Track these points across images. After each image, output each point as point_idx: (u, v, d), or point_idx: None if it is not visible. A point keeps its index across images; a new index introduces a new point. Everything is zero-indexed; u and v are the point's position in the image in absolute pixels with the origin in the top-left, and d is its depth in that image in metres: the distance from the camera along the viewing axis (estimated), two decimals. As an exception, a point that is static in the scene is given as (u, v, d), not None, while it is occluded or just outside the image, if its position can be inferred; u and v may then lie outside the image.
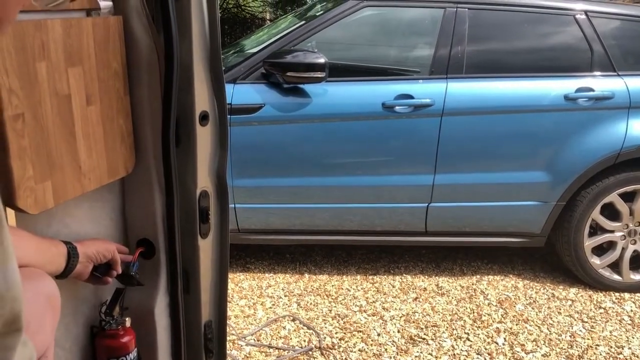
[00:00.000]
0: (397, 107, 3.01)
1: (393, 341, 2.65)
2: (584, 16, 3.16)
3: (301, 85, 3.00)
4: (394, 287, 3.18)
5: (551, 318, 2.89)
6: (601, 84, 3.07)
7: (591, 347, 2.65)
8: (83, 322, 1.49)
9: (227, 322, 1.85)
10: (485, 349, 2.61)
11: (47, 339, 1.09)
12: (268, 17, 11.36)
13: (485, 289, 3.18)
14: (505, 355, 2.56)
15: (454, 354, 2.56)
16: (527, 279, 3.32)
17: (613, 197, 3.09)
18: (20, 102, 1.13)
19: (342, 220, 3.19)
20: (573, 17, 3.16)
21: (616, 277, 3.19)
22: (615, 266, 3.20)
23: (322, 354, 2.54)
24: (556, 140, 3.06)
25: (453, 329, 2.76)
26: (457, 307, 2.98)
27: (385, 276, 3.31)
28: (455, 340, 2.67)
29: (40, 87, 1.18)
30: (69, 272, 1.26)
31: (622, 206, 3.11)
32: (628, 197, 3.11)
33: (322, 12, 3.25)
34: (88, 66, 1.30)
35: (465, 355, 2.55)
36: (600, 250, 3.21)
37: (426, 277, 3.32)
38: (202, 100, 1.53)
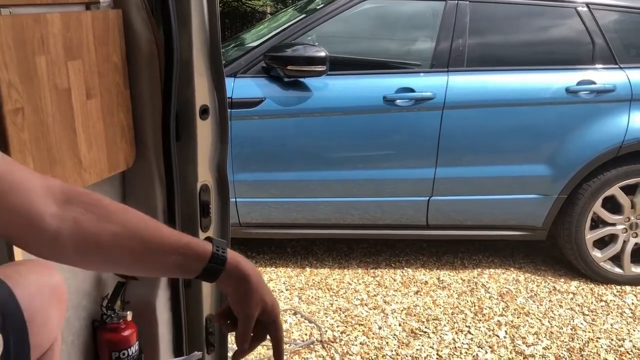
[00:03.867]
0: (398, 101, 3.01)
1: (394, 334, 2.65)
2: (585, 8, 3.14)
3: (302, 79, 3.00)
4: (395, 280, 3.18)
5: (552, 311, 2.89)
6: (603, 76, 3.06)
7: (592, 340, 2.65)
8: (85, 316, 1.49)
9: (229, 315, 1.85)
10: (487, 342, 2.61)
11: (53, 333, 1.09)
12: (268, 11, 11.34)
13: (487, 282, 3.18)
14: (507, 348, 2.57)
15: (455, 347, 2.57)
16: (529, 272, 3.33)
17: (614, 190, 3.08)
18: (20, 96, 1.13)
19: (344, 214, 3.19)
20: (574, 10, 3.14)
21: (617, 270, 3.19)
22: (616, 259, 3.20)
23: (323, 347, 2.54)
24: (558, 133, 3.05)
25: (454, 322, 2.76)
26: (458, 300, 2.98)
27: (386, 270, 3.31)
28: (456, 333, 2.68)
29: (40, 81, 1.17)
30: (207, 275, 0.92)
31: (623, 199, 3.10)
32: (629, 190, 3.11)
33: (322, 5, 3.24)
34: (88, 60, 1.30)
35: (467, 349, 2.56)
36: (601, 244, 3.21)
37: (427, 270, 3.32)
38: (202, 94, 1.53)
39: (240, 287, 0.93)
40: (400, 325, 2.73)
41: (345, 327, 2.71)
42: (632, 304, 2.99)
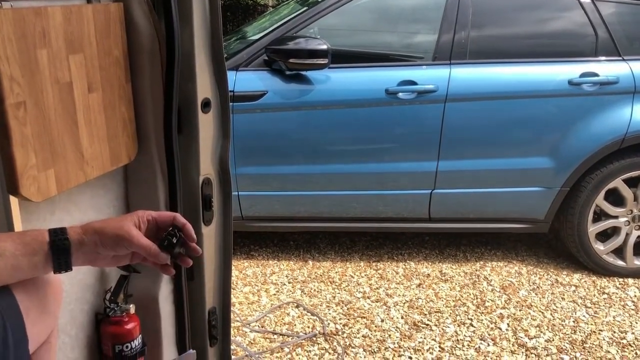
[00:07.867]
0: (400, 94, 3.00)
1: (397, 327, 2.66)
2: (588, 0, 3.13)
3: (304, 72, 2.99)
4: (397, 273, 3.19)
5: (554, 304, 2.89)
6: (606, 68, 3.05)
7: (594, 332, 2.65)
8: (88, 309, 1.50)
9: (232, 308, 1.85)
10: (489, 334, 2.62)
11: (50, 325, 1.09)
12: (270, 4, 11.29)
13: (489, 275, 3.19)
14: (509, 340, 2.57)
15: (458, 340, 2.57)
16: (531, 264, 3.33)
17: (617, 183, 3.08)
18: (22, 90, 1.13)
19: (346, 207, 3.20)
20: (577, 2, 3.13)
21: (620, 262, 3.19)
22: (619, 252, 3.20)
23: (325, 340, 2.55)
24: (560, 126, 3.04)
25: (456, 315, 2.77)
26: (461, 293, 2.98)
27: (388, 263, 3.32)
28: (458, 326, 2.68)
29: (42, 75, 1.17)
30: (62, 261, 0.97)
31: (626, 192, 3.09)
32: (632, 183, 3.10)
33: (324, -3, 3.23)
34: (89, 53, 1.30)
35: (469, 341, 2.56)
36: (604, 236, 3.21)
37: (430, 263, 3.32)
38: (204, 87, 1.52)
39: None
40: (402, 317, 2.74)
41: (348, 319, 2.71)
42: (635, 296, 2.99)
